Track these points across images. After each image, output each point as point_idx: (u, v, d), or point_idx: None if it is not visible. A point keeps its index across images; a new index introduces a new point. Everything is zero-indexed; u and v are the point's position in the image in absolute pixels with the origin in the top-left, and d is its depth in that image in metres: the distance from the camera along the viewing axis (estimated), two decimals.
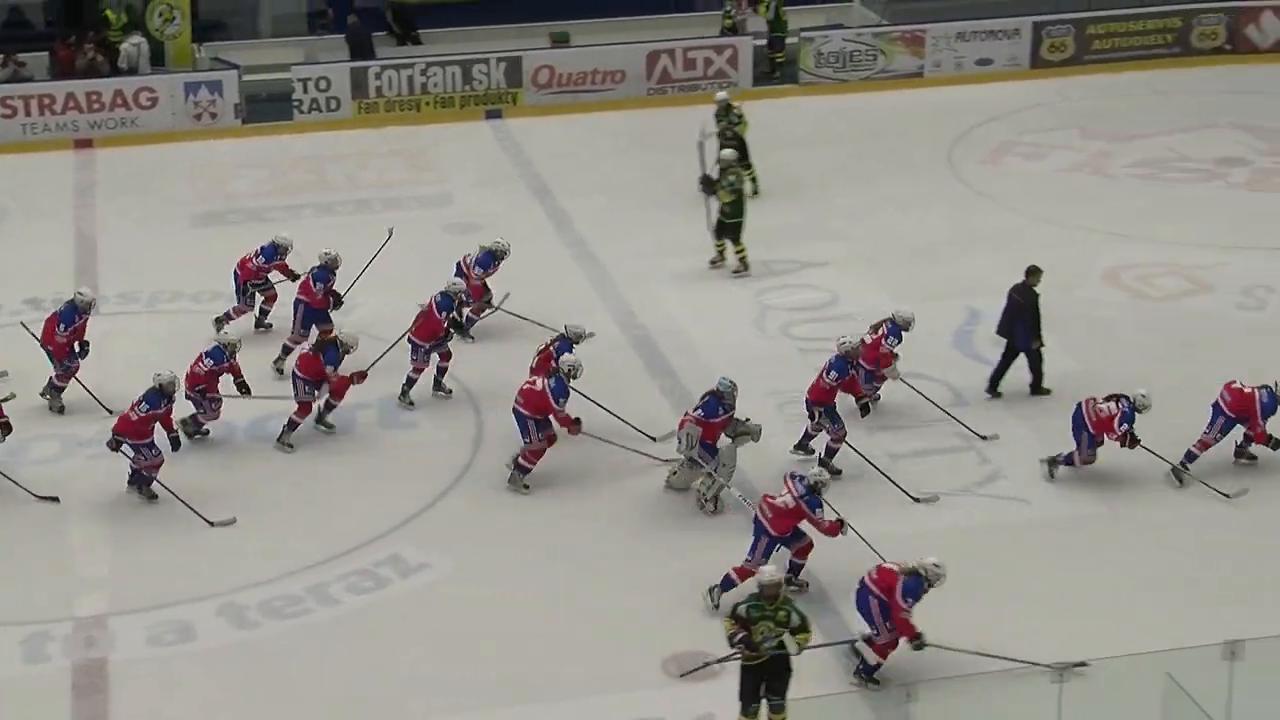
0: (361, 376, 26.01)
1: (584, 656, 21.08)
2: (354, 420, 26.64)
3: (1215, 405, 24.87)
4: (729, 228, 31.37)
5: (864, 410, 25.91)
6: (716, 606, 21.36)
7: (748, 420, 24.18)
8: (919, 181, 36.37)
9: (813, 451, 25.36)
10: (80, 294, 26.83)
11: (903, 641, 19.73)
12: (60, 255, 32.89)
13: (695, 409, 23.83)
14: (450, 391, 27.24)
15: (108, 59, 39.28)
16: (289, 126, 38.20)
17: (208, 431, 26.20)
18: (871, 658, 20.21)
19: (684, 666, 20.54)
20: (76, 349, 26.82)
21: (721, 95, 31.30)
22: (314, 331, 27.48)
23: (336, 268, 27.81)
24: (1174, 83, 42.23)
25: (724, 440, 23.99)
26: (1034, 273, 27.83)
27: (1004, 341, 27.82)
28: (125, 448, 23.74)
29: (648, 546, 23.47)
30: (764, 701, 18.42)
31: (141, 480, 24.10)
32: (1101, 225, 34.03)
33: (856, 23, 42.74)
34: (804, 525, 21.78)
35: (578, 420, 24.41)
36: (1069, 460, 24.99)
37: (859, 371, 25.25)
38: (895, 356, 26.22)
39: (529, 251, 31.06)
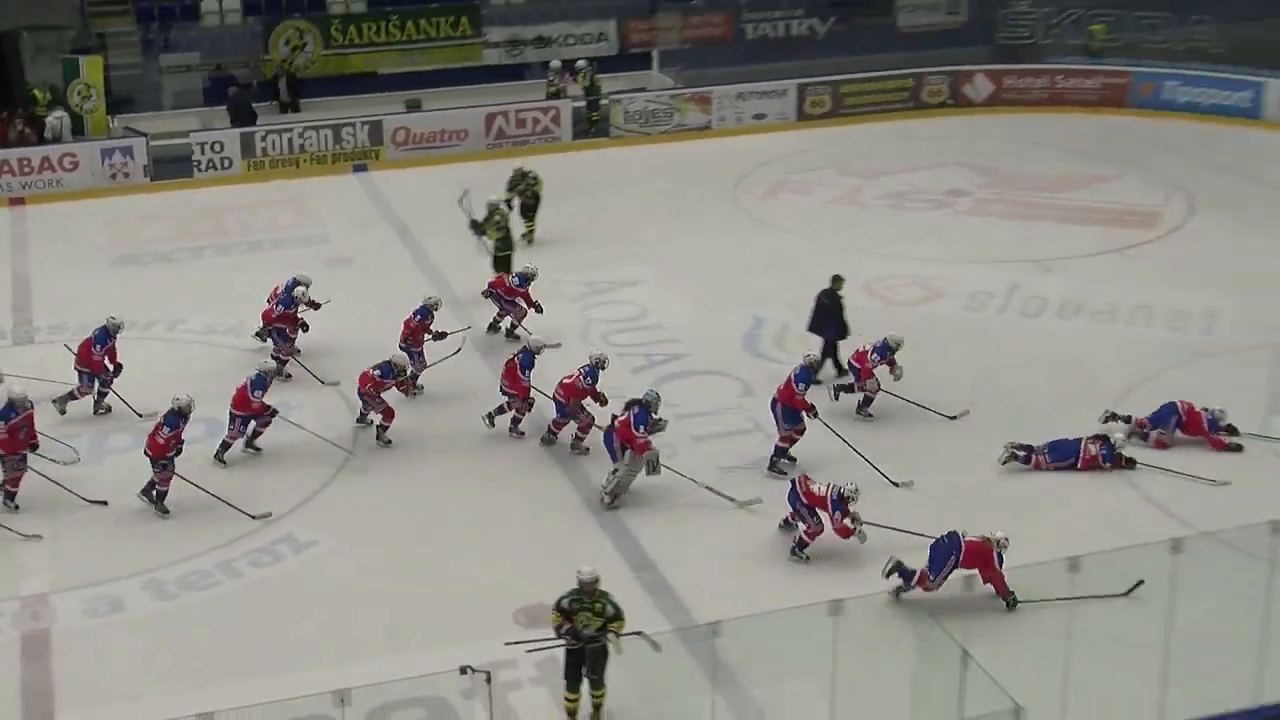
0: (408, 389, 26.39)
1: (448, 612, 21.04)
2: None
3: None
4: (500, 260, 31.21)
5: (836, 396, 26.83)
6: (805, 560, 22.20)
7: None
8: (710, 214, 36.44)
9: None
10: (111, 319, 26.37)
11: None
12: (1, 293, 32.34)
13: (622, 416, 23.72)
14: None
15: (35, 130, 38.75)
16: (190, 183, 37.71)
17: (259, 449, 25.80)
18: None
19: (534, 620, 20.51)
20: (110, 366, 26.42)
21: (518, 164, 31.01)
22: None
23: (437, 308, 27.86)
24: (910, 131, 42.47)
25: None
26: (837, 280, 28.35)
27: (811, 337, 28.27)
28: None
29: (506, 524, 23.42)
30: (585, 681, 18.16)
31: (154, 491, 23.50)
32: (857, 246, 34.25)
33: (656, 86, 42.73)
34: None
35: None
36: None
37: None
38: (895, 366, 26.59)
39: (395, 280, 31.41)
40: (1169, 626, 18.20)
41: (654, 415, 23.80)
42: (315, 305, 28.36)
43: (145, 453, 23.50)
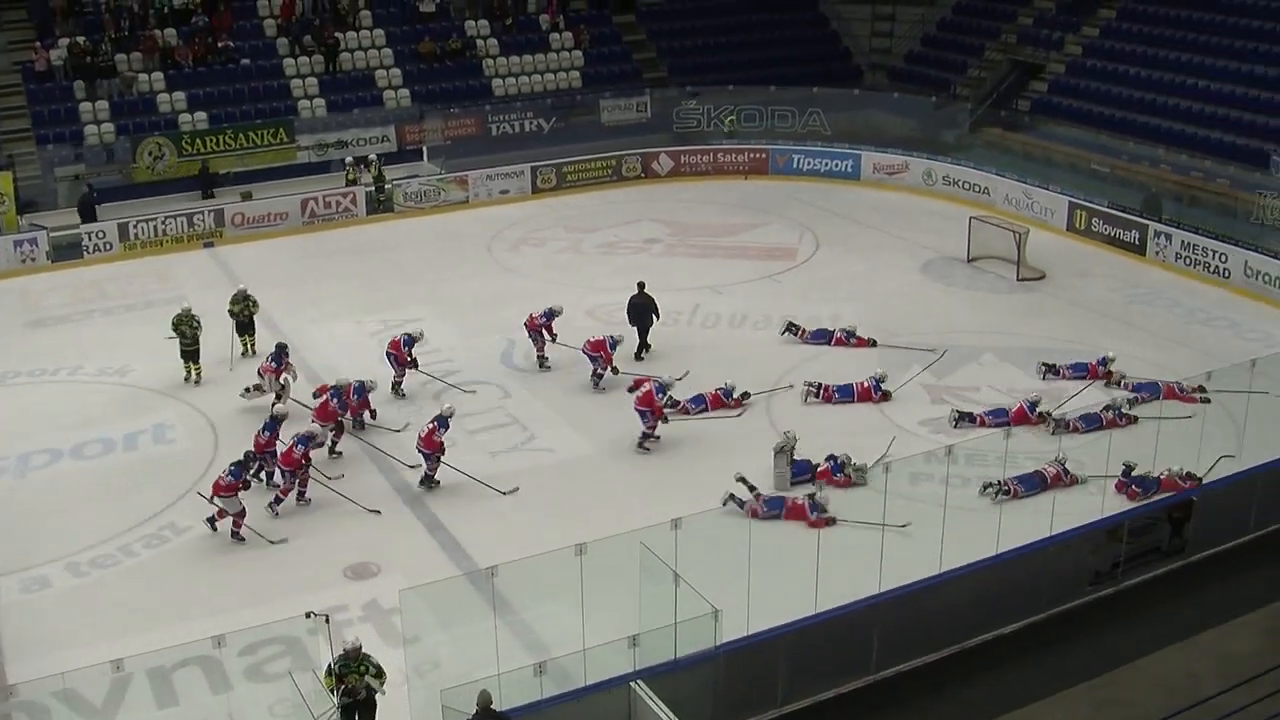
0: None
1: (295, 572, 21.16)
2: (136, 440, 25.91)
3: None
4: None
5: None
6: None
7: None
8: (471, 265, 36.32)
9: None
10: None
11: None
12: None
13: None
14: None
15: None
16: (80, 262, 36.45)
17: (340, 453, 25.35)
18: None
19: (359, 575, 20.68)
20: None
21: (241, 287, 30.02)
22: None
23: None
24: (615, 197, 42.50)
25: None
26: (642, 286, 29.83)
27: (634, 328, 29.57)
28: (217, 500, 22.20)
29: (336, 505, 23.43)
30: None
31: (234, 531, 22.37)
32: (582, 283, 34.34)
33: (426, 173, 42.36)
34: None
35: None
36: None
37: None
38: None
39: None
40: (817, 542, 18.67)
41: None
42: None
43: (279, 466, 23.25)
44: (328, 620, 17.22)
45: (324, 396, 25.40)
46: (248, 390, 27.14)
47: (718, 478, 23.29)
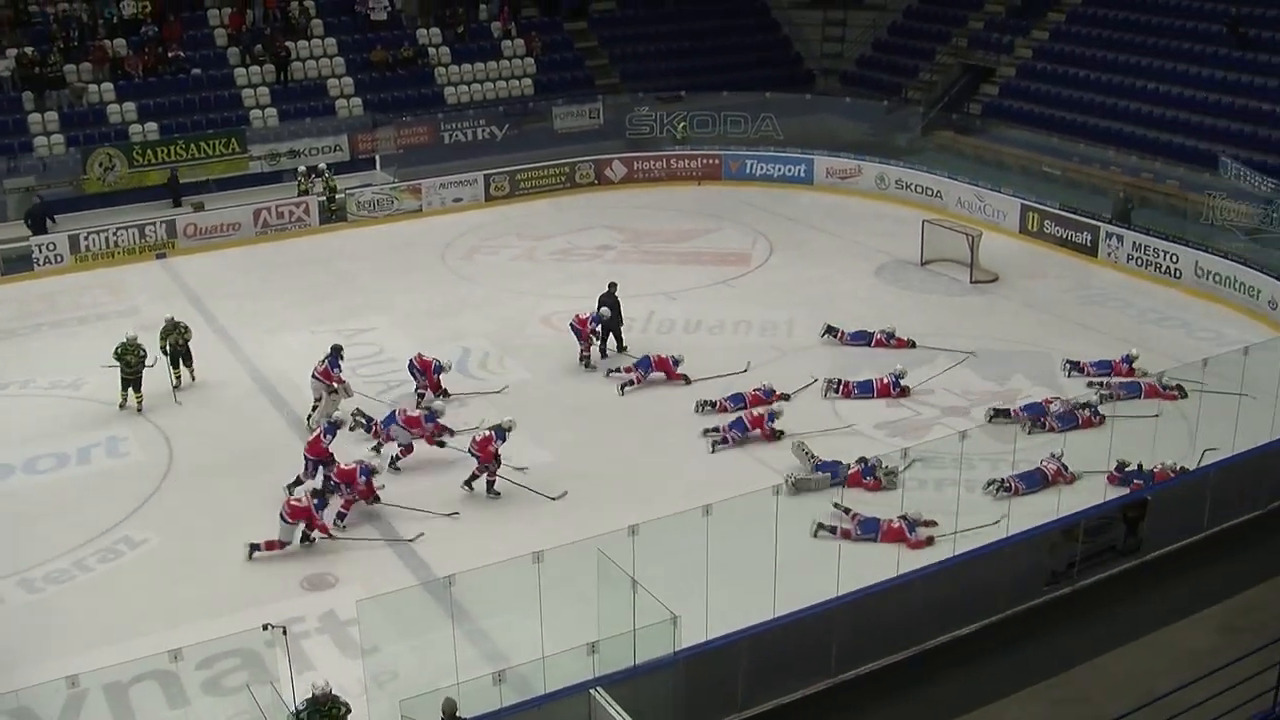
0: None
1: (249, 582, 21.02)
2: (89, 454, 25.71)
3: None
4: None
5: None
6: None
7: None
8: (425, 273, 36.23)
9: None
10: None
11: None
12: None
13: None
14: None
15: None
16: (31, 274, 36.21)
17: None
18: None
19: (315, 586, 20.63)
20: None
21: (169, 316, 28.87)
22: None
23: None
24: (568, 204, 42.53)
25: None
26: (613, 286, 30.28)
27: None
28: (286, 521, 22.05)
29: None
30: None
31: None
32: (536, 290, 34.42)
33: (379, 182, 42.21)
34: None
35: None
36: None
37: None
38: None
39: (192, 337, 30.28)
40: (776, 546, 18.70)
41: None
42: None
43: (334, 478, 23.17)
44: (285, 632, 17.13)
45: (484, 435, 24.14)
46: (317, 404, 26.91)
47: (674, 483, 23.33)
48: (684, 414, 26.91)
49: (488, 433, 23.75)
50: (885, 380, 27.79)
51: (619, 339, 30.24)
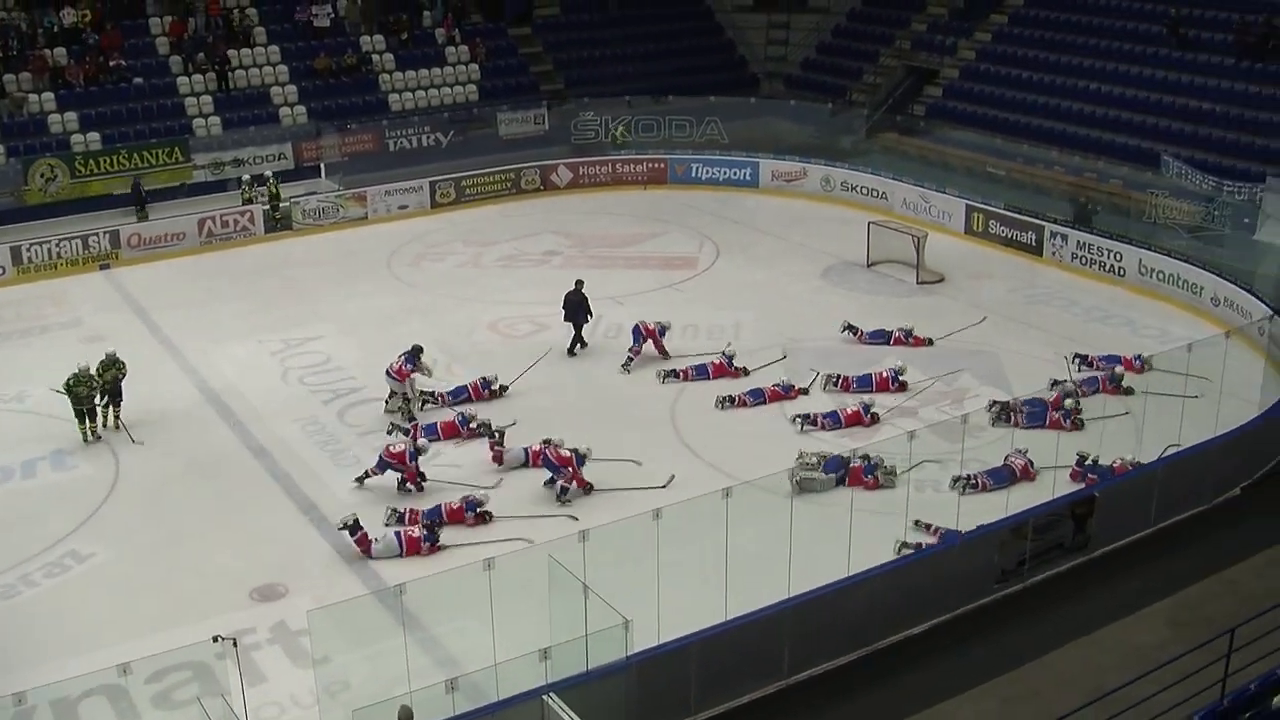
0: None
1: (199, 594, 20.89)
2: (35, 467, 25.50)
3: None
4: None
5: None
6: None
7: None
8: (372, 281, 36.07)
9: None
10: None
11: None
12: None
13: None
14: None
15: None
16: None
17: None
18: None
19: (266, 597, 20.51)
20: None
21: (110, 350, 27.25)
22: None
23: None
24: (514, 210, 42.50)
25: None
26: (580, 284, 30.75)
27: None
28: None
29: (237, 527, 23.20)
30: None
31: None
32: (483, 297, 34.38)
33: (325, 189, 42.04)
34: None
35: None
36: None
37: None
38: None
39: (137, 348, 30.22)
40: (726, 550, 18.74)
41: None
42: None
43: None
44: (235, 644, 17.05)
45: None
46: (387, 403, 27.39)
47: (622, 491, 23.35)
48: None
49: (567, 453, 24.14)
50: (885, 374, 28.12)
51: (578, 336, 30.56)
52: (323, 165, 43.66)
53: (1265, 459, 24.86)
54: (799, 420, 26.65)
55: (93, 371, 26.57)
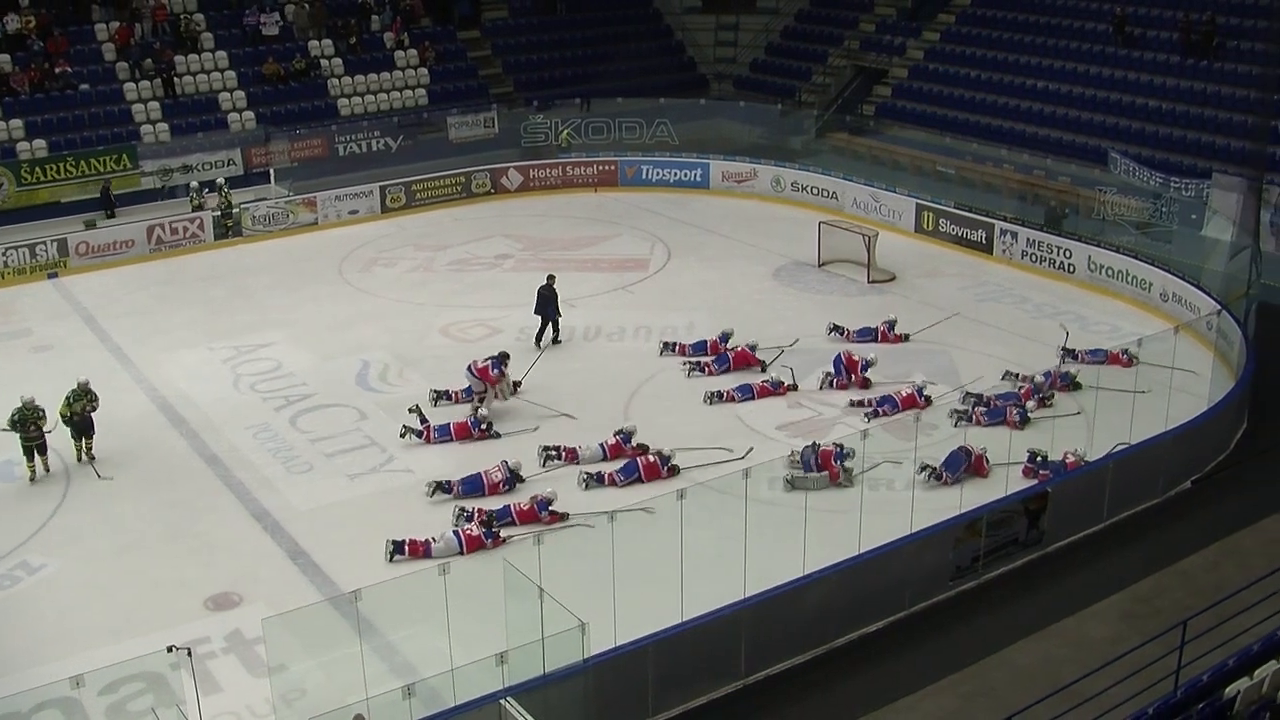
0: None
1: (152, 605, 20.73)
2: None
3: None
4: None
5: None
6: None
7: None
8: (323, 287, 35.86)
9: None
10: None
11: None
12: None
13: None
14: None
15: None
16: None
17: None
18: None
19: (220, 606, 20.34)
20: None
21: (82, 379, 26.16)
22: None
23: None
24: (465, 214, 42.37)
25: None
26: (551, 278, 31.24)
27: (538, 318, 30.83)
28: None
29: (189, 535, 23.01)
30: None
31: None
32: (435, 301, 34.27)
33: (274, 195, 41.77)
34: None
35: None
36: None
37: None
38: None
39: (84, 356, 30.08)
40: (681, 551, 18.74)
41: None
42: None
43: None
44: (190, 654, 16.93)
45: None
46: (476, 405, 27.24)
47: (578, 492, 23.31)
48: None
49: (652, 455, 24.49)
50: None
51: (554, 330, 30.98)
52: (272, 171, 43.44)
53: (1215, 452, 25.14)
54: (856, 406, 27.18)
55: (42, 404, 25.06)
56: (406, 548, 21.58)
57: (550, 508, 22.67)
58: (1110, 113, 41.17)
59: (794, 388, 28.06)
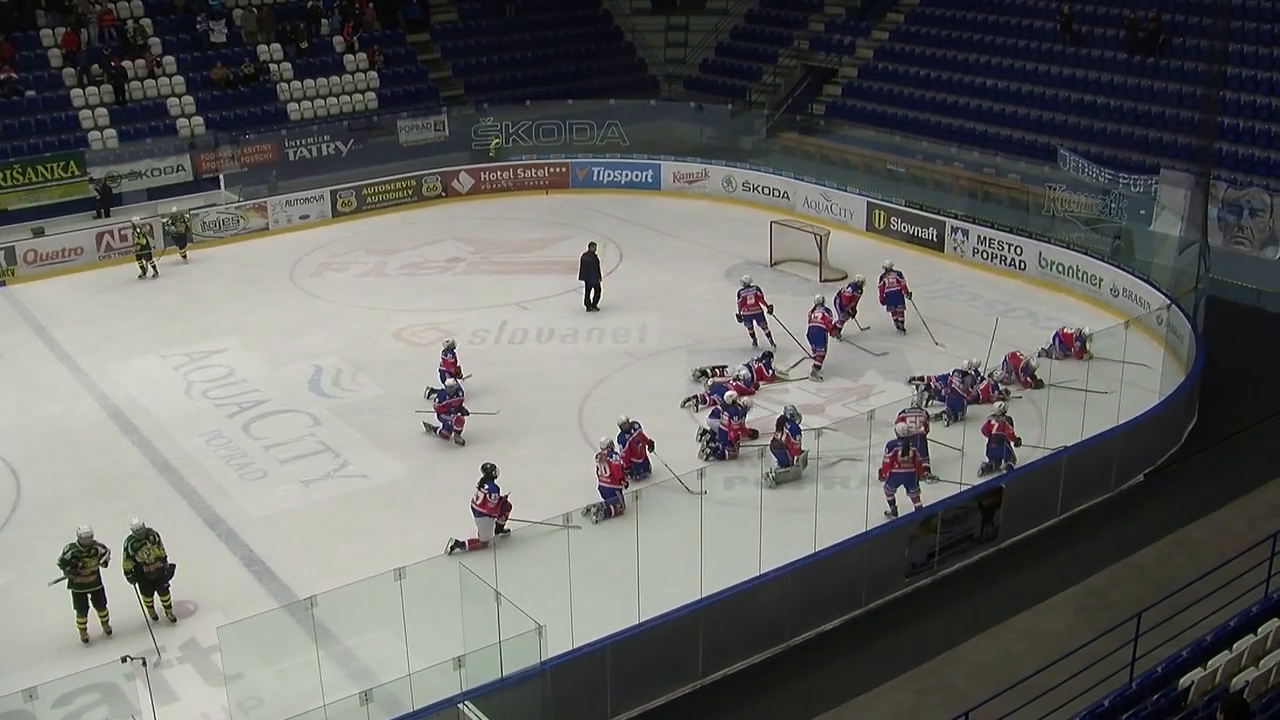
0: None
1: (110, 615, 20.32)
2: None
3: None
4: None
5: None
6: None
7: None
8: (274, 293, 35.70)
9: None
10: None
11: None
12: None
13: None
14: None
15: None
16: None
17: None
18: None
19: (175, 614, 20.16)
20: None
21: (137, 521, 27.45)
22: None
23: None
24: (416, 217, 42.28)
25: None
26: (593, 245, 33.67)
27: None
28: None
29: None
30: None
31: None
32: (387, 305, 34.19)
33: (223, 201, 41.53)
34: None
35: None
36: None
37: None
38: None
39: (34, 366, 29.88)
40: (637, 552, 18.76)
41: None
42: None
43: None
44: (145, 663, 16.83)
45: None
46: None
47: (534, 495, 23.28)
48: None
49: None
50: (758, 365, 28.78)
51: (597, 298, 33.30)
52: (222, 177, 43.19)
53: (1167, 445, 25.34)
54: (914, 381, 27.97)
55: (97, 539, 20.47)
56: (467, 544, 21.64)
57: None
58: (1059, 110, 41.45)
59: (784, 376, 28.72)
